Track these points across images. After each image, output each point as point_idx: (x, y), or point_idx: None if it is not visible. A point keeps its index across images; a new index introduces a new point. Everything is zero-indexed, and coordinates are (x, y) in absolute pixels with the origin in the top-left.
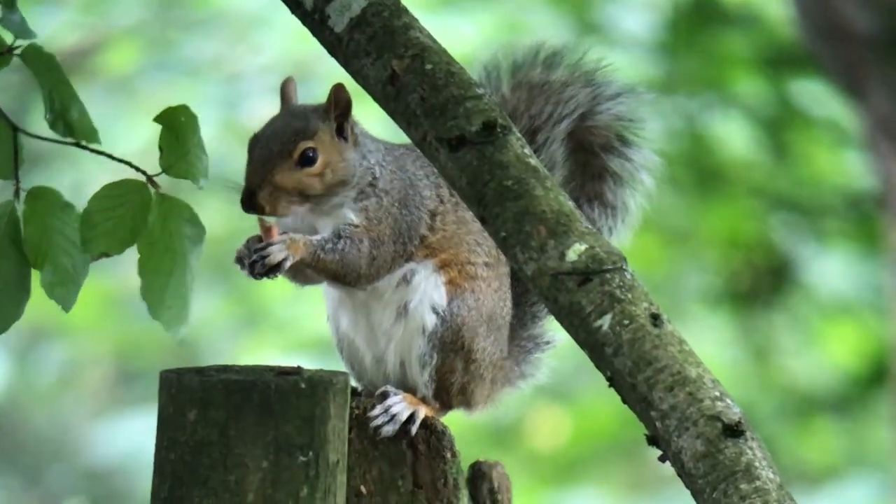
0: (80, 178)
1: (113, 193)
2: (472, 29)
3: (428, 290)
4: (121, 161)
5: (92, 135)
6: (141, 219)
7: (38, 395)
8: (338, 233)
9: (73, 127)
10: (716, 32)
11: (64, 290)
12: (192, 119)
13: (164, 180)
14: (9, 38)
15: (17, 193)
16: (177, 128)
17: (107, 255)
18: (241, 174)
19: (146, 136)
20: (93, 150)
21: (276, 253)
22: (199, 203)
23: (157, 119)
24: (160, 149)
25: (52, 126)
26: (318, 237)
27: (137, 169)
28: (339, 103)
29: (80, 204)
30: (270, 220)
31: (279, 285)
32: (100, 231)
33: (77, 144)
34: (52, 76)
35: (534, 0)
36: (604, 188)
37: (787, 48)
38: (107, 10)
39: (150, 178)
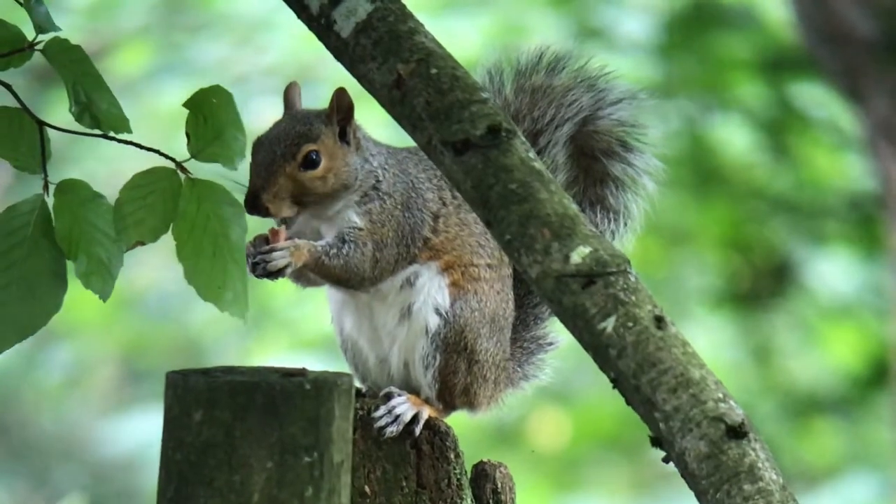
0: (89, 176)
1: (143, 182)
2: (472, 31)
3: (431, 291)
4: (149, 149)
5: (123, 124)
6: (172, 206)
7: (45, 394)
8: (342, 237)
9: (100, 118)
10: (715, 35)
11: (100, 280)
12: (225, 98)
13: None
14: (27, 35)
15: (45, 187)
16: (206, 110)
17: (141, 243)
18: (246, 176)
19: (154, 136)
20: (121, 141)
21: (279, 260)
22: None
23: (187, 103)
24: (187, 135)
25: (79, 118)
26: (322, 243)
27: (166, 156)
28: (341, 107)
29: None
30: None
31: (284, 287)
32: (131, 221)
33: (104, 136)
34: (77, 68)
35: (533, 3)
36: (606, 193)
37: (786, 51)
38: (112, 14)
39: (179, 165)
